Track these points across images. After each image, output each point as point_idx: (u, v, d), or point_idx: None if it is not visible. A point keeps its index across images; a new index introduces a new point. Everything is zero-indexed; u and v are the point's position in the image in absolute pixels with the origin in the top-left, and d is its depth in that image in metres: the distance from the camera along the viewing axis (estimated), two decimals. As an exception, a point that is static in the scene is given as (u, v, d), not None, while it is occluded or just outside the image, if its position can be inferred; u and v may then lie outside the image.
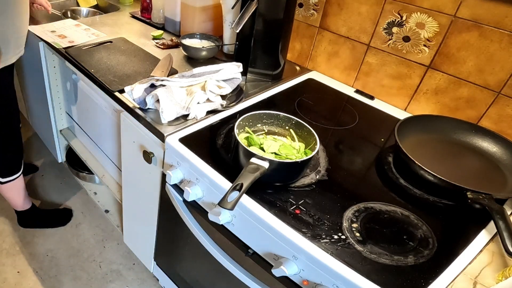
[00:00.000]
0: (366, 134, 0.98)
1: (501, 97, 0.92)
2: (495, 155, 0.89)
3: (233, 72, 1.06)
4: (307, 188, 0.77)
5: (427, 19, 0.97)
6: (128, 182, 1.20)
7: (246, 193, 0.68)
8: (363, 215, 0.72)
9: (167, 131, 0.88)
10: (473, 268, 0.66)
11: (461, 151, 0.91)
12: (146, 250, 1.26)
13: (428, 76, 1.02)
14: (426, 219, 0.73)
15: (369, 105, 1.12)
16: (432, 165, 0.77)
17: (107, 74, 1.10)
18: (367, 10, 1.08)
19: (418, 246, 0.67)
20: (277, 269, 0.67)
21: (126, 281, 1.46)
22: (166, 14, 1.41)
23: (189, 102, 0.94)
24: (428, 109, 1.05)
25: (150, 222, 1.14)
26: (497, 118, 0.94)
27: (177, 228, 1.03)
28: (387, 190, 0.80)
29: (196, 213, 0.88)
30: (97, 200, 1.69)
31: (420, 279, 0.61)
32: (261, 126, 0.86)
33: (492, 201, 0.72)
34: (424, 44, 1.00)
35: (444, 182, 0.75)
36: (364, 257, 0.63)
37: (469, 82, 0.96)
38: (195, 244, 0.93)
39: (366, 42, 1.11)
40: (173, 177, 0.84)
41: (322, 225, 0.68)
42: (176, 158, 0.85)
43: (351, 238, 0.66)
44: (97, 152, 1.51)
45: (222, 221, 0.74)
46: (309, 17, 1.22)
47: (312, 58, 1.28)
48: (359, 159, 0.89)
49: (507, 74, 0.89)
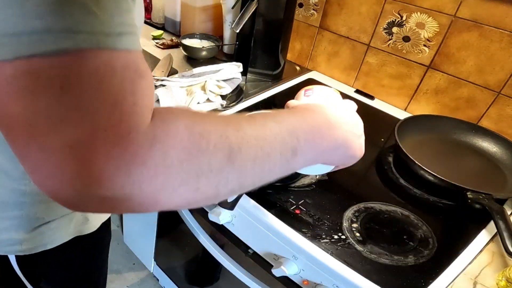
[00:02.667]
0: (366, 134, 0.98)
1: (501, 97, 0.92)
2: (495, 155, 0.89)
3: (233, 72, 1.06)
4: (307, 188, 0.77)
5: (427, 19, 0.97)
6: (128, 182, 1.20)
7: (246, 193, 0.68)
8: (363, 215, 0.72)
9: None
10: (473, 268, 0.65)
11: (461, 151, 0.91)
12: (146, 250, 1.26)
13: (428, 76, 1.02)
14: (426, 219, 0.73)
15: (369, 105, 1.11)
16: (432, 165, 0.77)
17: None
18: (367, 10, 1.08)
19: (418, 246, 0.67)
20: (277, 269, 0.67)
21: (126, 281, 1.45)
22: (166, 14, 1.41)
23: (189, 102, 0.93)
24: (428, 109, 1.05)
25: (150, 222, 1.14)
26: (497, 118, 0.94)
27: (177, 228, 1.03)
28: (387, 190, 0.80)
29: (196, 213, 0.88)
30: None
31: (420, 279, 0.61)
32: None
33: (492, 201, 0.72)
34: (424, 44, 1.00)
35: (444, 182, 0.75)
36: (364, 257, 0.63)
37: (469, 82, 0.96)
38: (195, 244, 0.93)
39: (366, 42, 1.11)
40: (173, 177, 0.84)
41: (322, 225, 0.68)
42: (176, 158, 0.85)
43: (351, 238, 0.66)
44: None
45: (222, 221, 0.74)
46: (309, 17, 1.22)
47: (312, 58, 1.28)
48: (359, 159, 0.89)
49: (507, 74, 0.89)
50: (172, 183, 0.28)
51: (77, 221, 0.61)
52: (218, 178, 0.31)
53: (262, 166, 0.36)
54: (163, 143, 0.27)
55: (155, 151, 0.27)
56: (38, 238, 0.58)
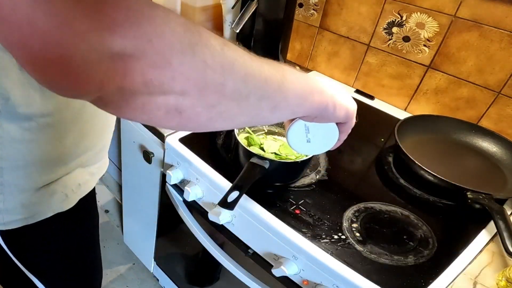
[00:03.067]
0: (366, 134, 0.98)
1: (501, 97, 0.92)
2: (495, 155, 0.89)
3: (233, 72, 1.06)
4: (307, 188, 0.77)
5: (427, 19, 0.97)
6: (128, 182, 1.20)
7: (246, 193, 0.68)
8: (363, 215, 0.72)
9: (167, 131, 0.88)
10: (473, 268, 0.66)
11: (461, 151, 0.91)
12: (146, 250, 1.26)
13: (428, 76, 1.02)
14: (426, 219, 0.73)
15: (369, 105, 1.11)
16: (432, 165, 0.77)
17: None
18: (367, 10, 1.08)
19: (418, 246, 0.67)
20: (277, 269, 0.67)
21: (126, 281, 1.46)
22: (166, 14, 1.41)
23: (189, 102, 0.93)
24: (428, 109, 1.05)
25: (150, 222, 1.14)
26: (497, 118, 0.94)
27: (177, 228, 1.03)
28: (387, 190, 0.80)
29: (196, 213, 0.88)
30: (97, 200, 1.69)
31: (420, 279, 0.61)
32: (261, 126, 0.86)
33: (492, 201, 0.72)
34: (424, 44, 1.00)
35: (444, 182, 0.75)
36: (364, 257, 0.63)
37: (469, 82, 0.96)
38: (195, 244, 0.93)
39: (366, 42, 1.11)
40: (173, 177, 0.84)
41: (322, 225, 0.68)
42: (176, 158, 0.85)
43: (351, 238, 0.66)
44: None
45: (222, 221, 0.74)
46: (309, 17, 1.22)
47: (312, 58, 1.28)
48: (359, 159, 0.89)
49: (507, 74, 0.89)
50: (179, 46, 0.28)
51: (58, 197, 0.63)
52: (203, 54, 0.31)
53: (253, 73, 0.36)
54: (166, 12, 0.28)
55: (158, 11, 0.27)
56: (19, 211, 0.59)
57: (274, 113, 0.40)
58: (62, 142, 0.59)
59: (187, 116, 0.32)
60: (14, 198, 0.58)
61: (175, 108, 0.31)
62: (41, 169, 0.59)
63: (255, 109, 0.38)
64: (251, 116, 0.38)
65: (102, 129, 0.67)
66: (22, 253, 0.68)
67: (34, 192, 0.59)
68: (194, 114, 0.32)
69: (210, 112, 0.33)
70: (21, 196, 0.58)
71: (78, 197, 0.68)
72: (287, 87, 0.40)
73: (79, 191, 0.68)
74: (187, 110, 0.31)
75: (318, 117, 0.47)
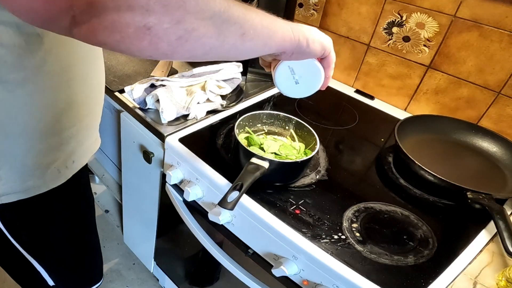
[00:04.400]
0: (366, 134, 0.98)
1: (501, 97, 0.92)
2: (495, 155, 0.89)
3: (233, 72, 1.06)
4: (307, 188, 0.77)
5: (427, 19, 0.97)
6: (128, 182, 1.20)
7: (246, 193, 0.68)
8: (363, 215, 0.72)
9: (167, 131, 0.88)
10: (473, 268, 0.66)
11: (461, 151, 0.91)
12: (146, 250, 1.26)
13: (428, 76, 1.02)
14: (426, 219, 0.73)
15: (369, 105, 1.12)
16: (432, 165, 0.77)
17: (107, 74, 1.10)
18: (367, 10, 1.08)
19: (418, 246, 0.67)
20: (277, 269, 0.67)
21: (126, 281, 1.45)
22: (166, 14, 1.41)
23: (189, 102, 0.94)
24: (428, 109, 1.05)
25: (150, 222, 1.14)
26: (497, 118, 0.94)
27: (177, 228, 1.03)
28: (387, 190, 0.80)
29: (196, 213, 0.88)
30: (97, 200, 1.69)
31: (420, 279, 0.61)
32: (261, 126, 0.86)
33: (492, 201, 0.72)
34: (424, 44, 1.00)
35: (444, 182, 0.75)
36: (364, 257, 0.63)
37: (469, 82, 0.96)
38: (195, 244, 0.93)
39: (366, 42, 1.11)
40: (173, 177, 0.84)
41: (322, 225, 0.68)
42: (176, 158, 0.85)
43: (351, 238, 0.66)
44: (97, 152, 1.51)
45: (222, 221, 0.74)
46: (309, 17, 1.22)
47: (312, 58, 1.27)
48: (359, 159, 0.89)
49: (507, 74, 0.89)
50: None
51: (52, 172, 0.64)
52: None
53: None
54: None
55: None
56: (15, 183, 0.60)
57: (244, 40, 0.41)
58: (51, 110, 0.59)
59: (156, 33, 0.33)
60: (11, 167, 0.59)
61: (143, 25, 0.32)
62: (34, 137, 0.59)
63: (223, 32, 0.39)
64: (221, 40, 0.39)
65: (89, 98, 0.68)
66: (19, 232, 0.69)
67: (30, 162, 0.60)
68: (162, 31, 0.34)
69: (177, 29, 0.34)
70: (17, 165, 0.59)
71: (71, 173, 0.69)
72: (253, 16, 0.42)
73: (72, 167, 0.69)
74: (155, 26, 0.33)
75: (295, 53, 0.50)
